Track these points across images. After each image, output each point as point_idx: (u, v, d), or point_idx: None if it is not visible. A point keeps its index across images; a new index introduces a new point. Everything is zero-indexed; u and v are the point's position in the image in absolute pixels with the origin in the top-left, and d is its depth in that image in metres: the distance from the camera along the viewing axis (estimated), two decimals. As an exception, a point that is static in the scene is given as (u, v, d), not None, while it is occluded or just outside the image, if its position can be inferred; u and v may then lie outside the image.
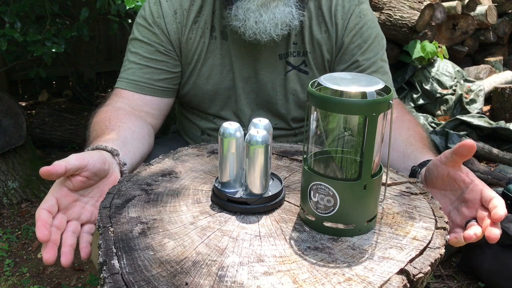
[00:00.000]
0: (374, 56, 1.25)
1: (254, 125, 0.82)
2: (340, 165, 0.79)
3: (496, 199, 0.83)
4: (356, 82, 0.71)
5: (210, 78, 1.25)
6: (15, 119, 2.48)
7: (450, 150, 0.86)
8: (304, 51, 1.24)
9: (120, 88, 1.23)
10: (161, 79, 1.23)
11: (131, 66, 1.23)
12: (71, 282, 1.92)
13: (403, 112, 1.23)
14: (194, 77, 1.25)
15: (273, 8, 1.11)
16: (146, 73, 1.22)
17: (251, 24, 1.11)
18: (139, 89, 1.21)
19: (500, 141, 2.94)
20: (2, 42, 2.17)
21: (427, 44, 3.28)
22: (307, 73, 1.26)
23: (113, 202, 0.80)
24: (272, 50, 1.22)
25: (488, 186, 0.88)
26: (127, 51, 1.26)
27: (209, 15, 1.21)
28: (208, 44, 1.23)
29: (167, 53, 1.22)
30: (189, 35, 1.22)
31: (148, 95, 1.22)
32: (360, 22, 1.23)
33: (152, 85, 1.22)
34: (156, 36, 1.21)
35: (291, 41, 1.23)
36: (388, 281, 0.64)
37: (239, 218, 0.78)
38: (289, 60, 1.24)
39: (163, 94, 1.24)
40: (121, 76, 1.24)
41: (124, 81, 1.23)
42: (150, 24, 1.21)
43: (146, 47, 1.22)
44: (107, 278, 0.63)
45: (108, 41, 4.02)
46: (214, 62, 1.24)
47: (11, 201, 2.42)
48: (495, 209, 0.80)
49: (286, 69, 1.25)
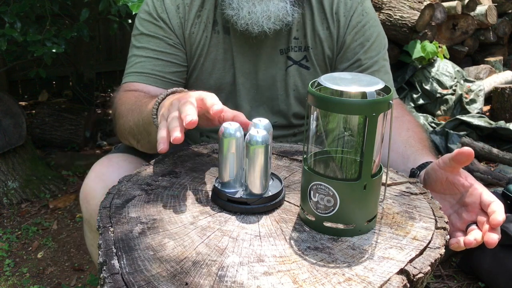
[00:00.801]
0: (376, 55, 1.24)
1: (254, 125, 0.82)
2: (340, 165, 0.79)
3: (495, 203, 0.82)
4: (356, 82, 0.71)
5: (212, 73, 1.24)
6: (15, 119, 2.48)
7: (448, 155, 0.86)
8: (306, 46, 1.23)
9: (130, 82, 1.19)
10: (172, 72, 1.21)
11: (139, 60, 1.20)
12: (71, 282, 1.92)
13: (403, 112, 1.22)
14: (197, 71, 1.24)
15: (267, 0, 1.11)
16: (156, 65, 1.19)
17: (244, 14, 1.11)
18: (151, 81, 1.19)
19: (500, 141, 2.94)
20: (2, 42, 2.17)
21: (428, 44, 3.28)
22: (308, 69, 1.25)
23: (113, 202, 0.80)
24: (273, 45, 1.22)
25: (487, 188, 0.88)
26: (131, 47, 1.24)
27: (212, 9, 1.21)
28: (211, 38, 1.22)
29: (176, 45, 1.21)
30: (191, 29, 1.21)
31: (161, 88, 1.18)
32: (363, 20, 1.23)
33: (164, 77, 1.20)
34: (163, 30, 1.20)
35: (292, 35, 1.22)
36: (388, 281, 0.64)
37: (239, 218, 0.78)
38: (290, 55, 1.24)
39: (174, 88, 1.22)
40: (130, 71, 1.21)
41: (134, 75, 1.19)
42: (156, 18, 1.20)
43: (154, 40, 1.20)
44: (107, 278, 0.63)
45: (108, 41, 4.02)
46: (217, 56, 1.23)
47: (11, 201, 2.42)
48: (494, 215, 0.80)
49: (287, 64, 1.24)
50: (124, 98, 1.13)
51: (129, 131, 1.08)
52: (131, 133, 1.07)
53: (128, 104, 1.09)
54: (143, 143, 1.07)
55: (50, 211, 2.41)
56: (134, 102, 1.07)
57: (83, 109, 3.16)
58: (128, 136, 1.11)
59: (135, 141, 1.09)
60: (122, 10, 2.42)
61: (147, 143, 1.05)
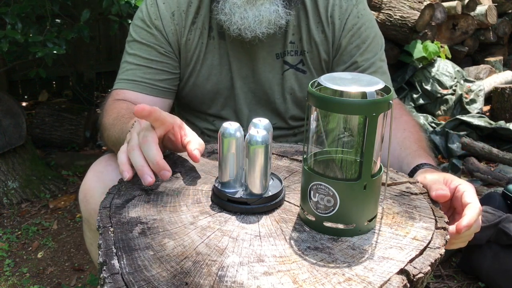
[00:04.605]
0: (373, 57, 1.24)
1: (254, 125, 0.82)
2: (340, 165, 0.79)
3: (469, 206, 0.83)
4: (356, 82, 0.71)
5: (209, 79, 1.25)
6: (15, 119, 2.49)
7: (428, 187, 0.87)
8: (302, 50, 1.24)
9: (120, 89, 1.21)
10: (162, 80, 1.22)
11: (130, 67, 1.22)
12: (71, 282, 1.92)
13: (401, 112, 1.22)
14: (194, 78, 1.25)
15: (259, 5, 1.11)
16: (146, 73, 1.21)
17: (236, 20, 1.11)
18: (141, 89, 1.20)
19: (500, 141, 2.94)
20: (3, 43, 2.17)
21: (429, 44, 3.28)
22: (304, 72, 1.26)
23: (113, 202, 0.80)
24: (269, 49, 1.22)
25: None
26: (124, 53, 1.25)
27: (207, 16, 1.21)
28: (207, 44, 1.23)
29: (167, 54, 1.22)
30: (188, 36, 1.21)
31: (150, 95, 1.21)
32: (358, 22, 1.23)
33: (154, 85, 1.21)
34: (155, 38, 1.21)
35: (288, 40, 1.22)
36: (388, 281, 0.64)
37: (239, 218, 0.78)
38: (286, 59, 1.24)
39: (165, 95, 1.24)
40: (120, 78, 1.22)
41: (124, 82, 1.21)
42: (148, 25, 1.21)
43: (145, 48, 1.21)
44: (107, 278, 0.63)
45: (108, 41, 4.02)
46: (213, 62, 1.24)
47: (11, 201, 2.42)
48: (461, 219, 0.81)
49: (283, 68, 1.25)
50: (111, 109, 1.13)
51: (112, 145, 1.08)
52: (115, 146, 1.07)
53: (112, 117, 1.09)
54: None
55: (50, 211, 2.41)
56: (116, 117, 1.07)
57: (83, 109, 3.17)
58: (113, 148, 1.11)
59: None
60: (123, 10, 2.42)
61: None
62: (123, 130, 0.98)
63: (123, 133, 0.97)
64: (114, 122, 1.06)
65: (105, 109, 1.16)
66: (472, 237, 0.89)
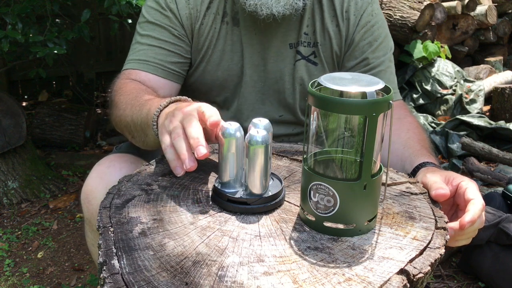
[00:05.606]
0: (384, 56, 1.26)
1: (254, 125, 0.82)
2: (340, 165, 0.79)
3: (472, 202, 0.83)
4: (356, 82, 0.71)
5: (220, 65, 1.24)
6: (15, 119, 2.49)
7: (428, 186, 0.87)
8: (315, 41, 1.24)
9: (131, 69, 1.19)
10: (174, 62, 1.21)
11: (142, 47, 1.20)
12: (71, 282, 1.92)
13: (406, 114, 1.23)
14: (205, 63, 1.24)
15: None
16: (158, 54, 1.19)
17: None
18: (152, 69, 1.18)
19: (500, 141, 2.94)
20: (4, 43, 2.17)
21: (430, 44, 3.28)
22: (315, 64, 1.26)
23: (113, 202, 0.80)
24: (283, 39, 1.22)
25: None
26: (135, 35, 1.23)
27: (222, 1, 1.21)
28: (220, 29, 1.22)
29: (180, 36, 1.21)
30: (202, 21, 1.21)
31: (161, 77, 1.19)
32: (372, 20, 1.24)
33: (165, 67, 1.20)
34: (169, 19, 1.19)
35: (303, 30, 1.23)
36: (388, 281, 0.64)
37: (239, 218, 0.78)
38: (299, 49, 1.24)
39: (175, 78, 1.22)
40: (131, 58, 1.20)
41: (136, 62, 1.19)
42: (163, 7, 1.19)
43: (159, 29, 1.19)
44: (107, 278, 0.63)
45: (108, 41, 4.01)
46: (225, 48, 1.23)
47: (11, 201, 2.42)
48: (464, 215, 0.81)
49: (296, 58, 1.25)
50: (125, 88, 1.12)
51: (125, 125, 1.07)
52: (127, 127, 1.07)
53: (128, 97, 1.08)
54: (137, 140, 1.08)
55: (50, 211, 2.41)
56: (134, 97, 1.06)
57: (83, 109, 3.17)
58: (124, 129, 1.11)
59: (130, 135, 1.10)
60: (123, 10, 2.42)
61: (141, 142, 1.06)
62: (141, 112, 0.98)
63: (141, 114, 0.97)
64: (132, 102, 1.05)
65: (117, 88, 1.15)
66: (476, 233, 0.89)
